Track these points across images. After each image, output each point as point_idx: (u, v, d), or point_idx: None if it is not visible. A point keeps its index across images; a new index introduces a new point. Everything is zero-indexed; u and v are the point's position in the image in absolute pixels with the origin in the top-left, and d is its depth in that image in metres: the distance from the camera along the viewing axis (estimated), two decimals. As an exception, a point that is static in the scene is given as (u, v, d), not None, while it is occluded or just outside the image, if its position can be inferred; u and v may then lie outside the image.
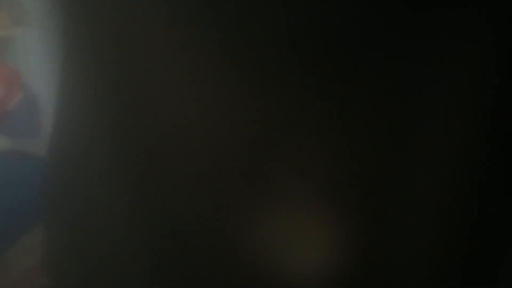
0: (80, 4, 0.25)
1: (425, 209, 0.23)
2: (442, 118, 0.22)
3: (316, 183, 0.23)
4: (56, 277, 0.32)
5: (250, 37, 0.21)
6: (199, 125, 0.23)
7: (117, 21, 0.23)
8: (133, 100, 0.24)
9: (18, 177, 0.89)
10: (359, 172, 0.23)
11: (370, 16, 0.20)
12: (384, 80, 0.21)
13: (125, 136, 0.25)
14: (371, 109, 0.22)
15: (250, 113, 0.22)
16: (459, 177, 0.23)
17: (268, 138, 0.23)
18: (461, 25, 0.21)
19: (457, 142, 0.23)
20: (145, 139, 0.24)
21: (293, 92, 0.22)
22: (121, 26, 0.23)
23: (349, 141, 0.22)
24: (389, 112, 0.22)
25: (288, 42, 0.21)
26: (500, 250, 0.25)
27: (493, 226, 0.24)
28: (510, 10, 0.21)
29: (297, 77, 0.22)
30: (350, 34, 0.21)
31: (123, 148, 0.25)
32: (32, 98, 1.08)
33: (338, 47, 0.21)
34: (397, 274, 0.24)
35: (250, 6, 0.21)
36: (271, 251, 0.24)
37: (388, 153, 0.22)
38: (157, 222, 0.25)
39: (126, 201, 0.26)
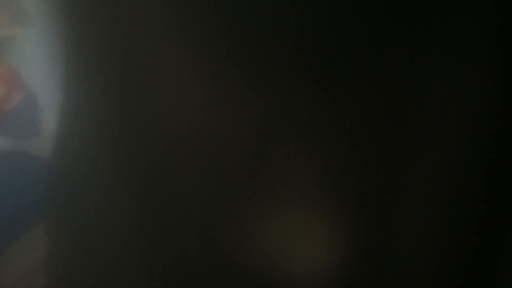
0: (80, 3, 0.25)
1: (425, 210, 0.23)
2: (443, 118, 0.22)
3: (319, 182, 0.23)
4: (56, 278, 0.32)
5: (253, 37, 0.21)
6: (202, 125, 0.23)
7: (119, 21, 0.23)
8: (136, 100, 0.24)
9: (18, 177, 0.89)
10: (361, 171, 0.23)
11: (373, 15, 0.20)
12: (386, 80, 0.21)
13: (128, 135, 0.25)
14: (374, 108, 0.22)
15: (254, 113, 0.22)
16: (459, 177, 0.23)
17: (271, 138, 0.22)
18: (465, 24, 0.21)
19: (459, 142, 0.23)
20: (148, 138, 0.24)
21: (295, 92, 0.22)
22: (122, 25, 0.23)
23: (351, 141, 0.22)
24: (391, 111, 0.22)
25: (290, 42, 0.21)
26: (496, 251, 0.25)
27: (490, 226, 0.24)
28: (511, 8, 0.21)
29: (300, 77, 0.22)
30: (353, 33, 0.21)
31: (126, 148, 0.25)
32: (32, 98, 1.08)
33: (340, 47, 0.21)
34: (396, 275, 0.24)
35: (254, 5, 0.21)
36: (274, 251, 0.24)
37: (390, 153, 0.22)
38: (159, 222, 0.25)
39: (129, 201, 0.26)
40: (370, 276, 0.24)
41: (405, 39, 0.21)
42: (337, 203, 0.23)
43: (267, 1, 0.21)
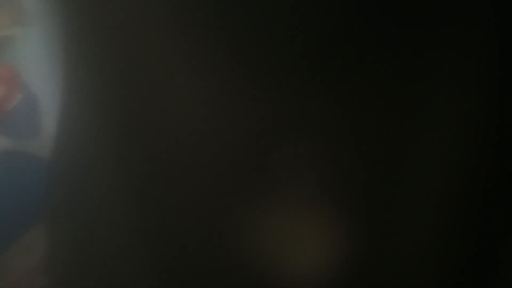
0: (80, 3, 0.25)
1: (425, 210, 0.23)
2: (443, 118, 0.22)
3: (320, 183, 0.23)
4: (57, 278, 0.32)
5: (253, 38, 0.21)
6: (202, 126, 0.23)
7: (119, 21, 0.23)
8: (136, 100, 0.24)
9: (18, 177, 0.89)
10: (362, 172, 0.23)
11: (373, 15, 0.20)
12: (387, 80, 0.21)
13: (128, 135, 0.25)
14: (374, 108, 0.22)
15: (255, 113, 0.22)
16: (459, 177, 0.23)
17: (272, 138, 0.23)
18: (465, 24, 0.21)
19: (460, 142, 0.23)
20: (148, 139, 0.24)
21: (296, 92, 0.22)
22: (123, 25, 0.23)
23: (352, 141, 0.22)
24: (392, 111, 0.22)
25: (290, 42, 0.21)
26: (496, 251, 0.25)
27: (490, 227, 0.24)
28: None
29: (300, 77, 0.22)
30: (353, 33, 0.21)
31: (126, 148, 0.25)
32: (32, 98, 1.08)
33: (340, 47, 0.21)
34: (396, 275, 0.24)
35: (255, 6, 0.21)
36: (275, 251, 0.24)
37: (390, 153, 0.22)
38: (159, 222, 0.25)
39: (129, 202, 0.26)
40: (370, 276, 0.24)
41: (405, 39, 0.21)
42: (338, 203, 0.23)
43: (268, 2, 0.21)
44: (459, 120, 0.22)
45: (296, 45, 0.21)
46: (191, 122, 0.23)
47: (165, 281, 0.26)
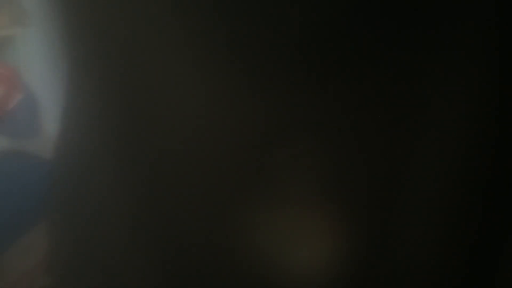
0: (80, 3, 0.25)
1: (425, 210, 0.23)
2: (443, 118, 0.22)
3: (320, 183, 0.23)
4: (57, 278, 0.32)
5: (254, 38, 0.21)
6: (203, 125, 0.23)
7: (119, 20, 0.23)
8: (136, 99, 0.24)
9: (18, 177, 0.89)
10: (362, 172, 0.23)
11: (373, 15, 0.20)
12: (387, 80, 0.21)
13: (129, 135, 0.25)
14: (374, 108, 0.22)
15: (255, 113, 0.22)
16: (459, 177, 0.23)
17: (272, 138, 0.23)
18: (465, 24, 0.21)
19: (459, 142, 0.23)
20: (149, 138, 0.24)
21: (297, 92, 0.22)
22: (123, 25, 0.23)
23: (352, 141, 0.22)
24: (392, 111, 0.22)
25: (290, 42, 0.21)
26: (496, 251, 0.25)
27: (491, 227, 0.24)
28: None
29: (301, 77, 0.22)
30: (353, 33, 0.21)
31: (126, 148, 0.25)
32: (32, 98, 1.08)
33: (340, 47, 0.21)
34: (396, 275, 0.24)
35: (255, 5, 0.21)
36: (276, 251, 0.24)
37: (390, 153, 0.22)
38: (160, 222, 0.25)
39: (129, 201, 0.26)
40: (370, 276, 0.24)
41: (405, 39, 0.21)
42: (338, 203, 0.23)
43: (268, 1, 0.21)
44: (459, 120, 0.22)
45: (296, 45, 0.21)
46: (191, 122, 0.23)
47: (165, 281, 0.26)
